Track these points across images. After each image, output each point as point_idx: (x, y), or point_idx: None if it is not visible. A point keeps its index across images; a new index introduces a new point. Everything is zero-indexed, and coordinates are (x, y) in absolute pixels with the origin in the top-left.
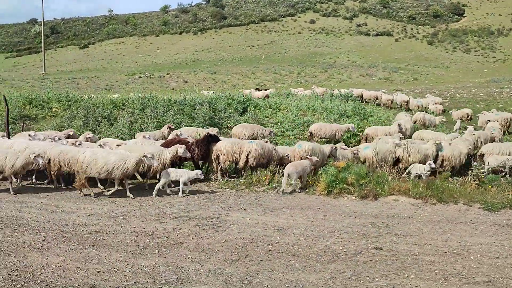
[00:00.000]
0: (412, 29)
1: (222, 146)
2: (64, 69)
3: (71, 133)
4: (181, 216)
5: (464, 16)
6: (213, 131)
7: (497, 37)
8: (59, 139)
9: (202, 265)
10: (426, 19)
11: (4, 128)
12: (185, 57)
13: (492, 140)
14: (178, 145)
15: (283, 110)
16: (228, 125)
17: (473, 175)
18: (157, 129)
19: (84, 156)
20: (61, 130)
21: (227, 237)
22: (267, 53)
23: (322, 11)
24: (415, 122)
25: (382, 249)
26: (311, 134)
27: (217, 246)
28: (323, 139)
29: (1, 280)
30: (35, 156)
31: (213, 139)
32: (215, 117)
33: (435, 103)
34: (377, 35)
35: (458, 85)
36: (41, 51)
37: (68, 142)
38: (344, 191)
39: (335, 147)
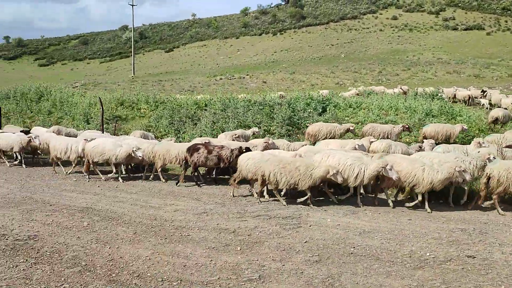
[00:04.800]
0: (506, 21)
1: None
2: (151, 72)
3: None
4: (262, 215)
5: None
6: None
7: None
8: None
9: (284, 265)
10: None
11: (99, 127)
12: (264, 58)
13: None
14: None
15: (364, 109)
16: (307, 125)
17: None
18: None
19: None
20: (148, 130)
21: (308, 238)
22: (347, 51)
23: (406, 7)
24: None
25: (475, 257)
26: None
27: (298, 246)
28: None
29: (98, 268)
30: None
31: None
32: (294, 117)
33: None
34: (466, 29)
35: None
36: (131, 55)
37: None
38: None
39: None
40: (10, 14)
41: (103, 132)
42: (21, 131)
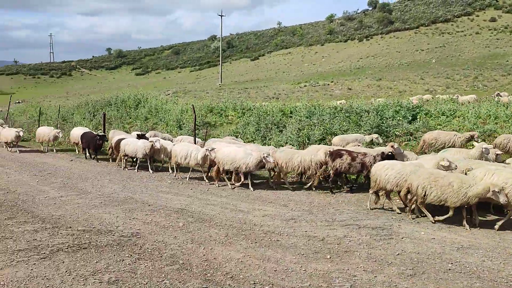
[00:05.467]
0: None
1: None
2: (237, 80)
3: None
4: (351, 224)
5: None
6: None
7: None
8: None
9: (375, 276)
10: None
11: (191, 133)
12: (349, 65)
13: None
14: None
15: (458, 117)
16: (396, 133)
17: None
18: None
19: None
20: (236, 136)
21: (400, 250)
22: (438, 56)
23: (506, 8)
24: None
25: None
26: None
27: (390, 258)
28: None
29: (194, 267)
30: None
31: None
32: (383, 124)
33: None
34: None
35: None
36: (219, 64)
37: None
38: None
39: None
40: (111, 28)
41: (195, 138)
42: (137, 135)
